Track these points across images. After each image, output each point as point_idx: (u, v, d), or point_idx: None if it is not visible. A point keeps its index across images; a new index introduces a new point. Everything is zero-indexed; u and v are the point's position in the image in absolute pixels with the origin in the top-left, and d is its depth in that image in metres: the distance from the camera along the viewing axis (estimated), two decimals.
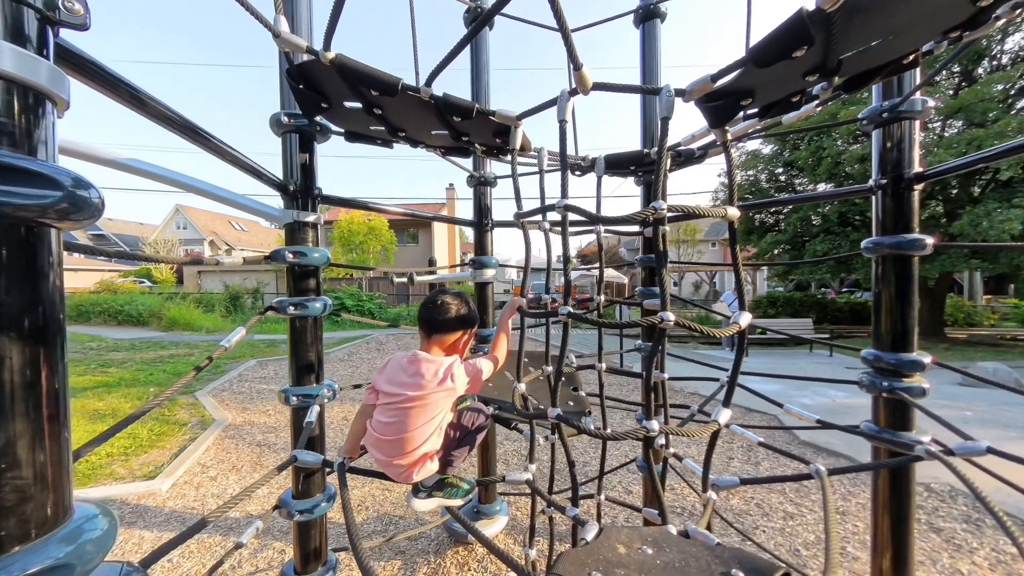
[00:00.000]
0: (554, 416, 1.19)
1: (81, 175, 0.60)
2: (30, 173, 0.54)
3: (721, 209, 1.16)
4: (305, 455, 1.37)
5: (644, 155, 1.73)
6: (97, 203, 0.62)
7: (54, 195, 0.55)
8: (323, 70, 1.35)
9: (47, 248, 0.59)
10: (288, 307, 1.75)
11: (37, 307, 0.58)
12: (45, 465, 0.57)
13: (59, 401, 0.61)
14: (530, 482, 1.38)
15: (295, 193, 1.77)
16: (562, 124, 1.16)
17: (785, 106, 1.27)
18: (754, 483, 1.56)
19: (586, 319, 1.12)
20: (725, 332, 1.13)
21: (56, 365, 0.61)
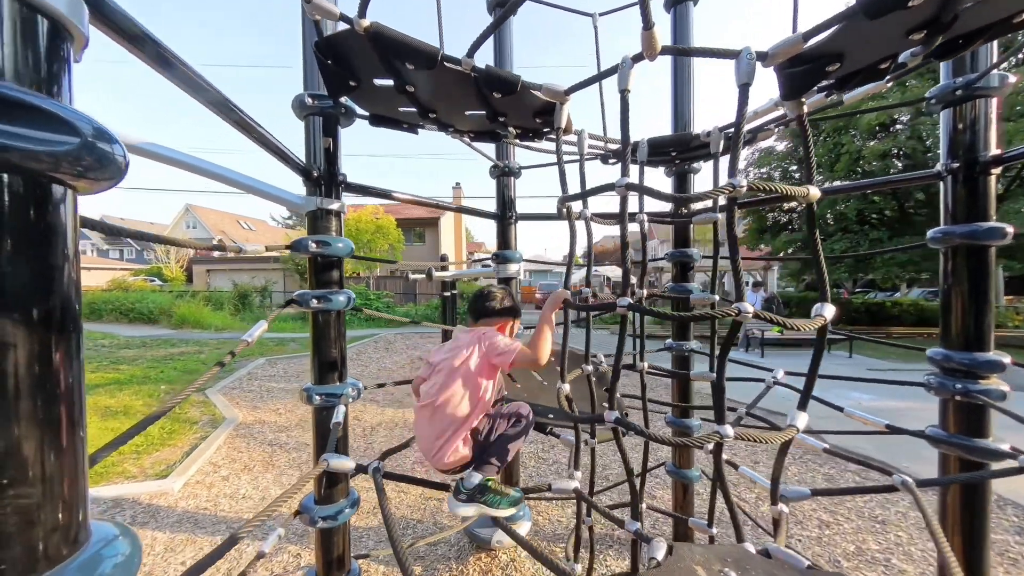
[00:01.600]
0: (612, 420, 1.07)
1: (103, 125, 0.49)
2: (43, 114, 0.43)
3: (803, 188, 1.03)
4: (336, 459, 1.26)
5: (692, 137, 1.60)
6: (120, 161, 0.51)
7: (71, 142, 0.44)
8: (355, 42, 1.25)
9: (61, 213, 0.48)
10: (311, 300, 1.64)
11: (48, 285, 0.48)
12: (58, 478, 0.47)
13: (74, 401, 0.50)
14: (578, 491, 1.26)
15: (319, 179, 1.67)
16: (624, 94, 1.04)
17: (868, 75, 1.14)
18: (827, 495, 1.42)
19: (652, 311, 1.00)
20: (809, 324, 1.00)
21: (71, 357, 0.50)
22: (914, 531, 3.08)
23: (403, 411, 6.00)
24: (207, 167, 1.42)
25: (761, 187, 0.98)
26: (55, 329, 0.48)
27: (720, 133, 1.51)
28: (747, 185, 0.96)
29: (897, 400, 5.81)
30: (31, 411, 0.45)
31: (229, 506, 3.41)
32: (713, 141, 1.53)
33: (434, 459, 1.31)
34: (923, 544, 2.91)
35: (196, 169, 1.41)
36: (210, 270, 27.76)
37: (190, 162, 1.39)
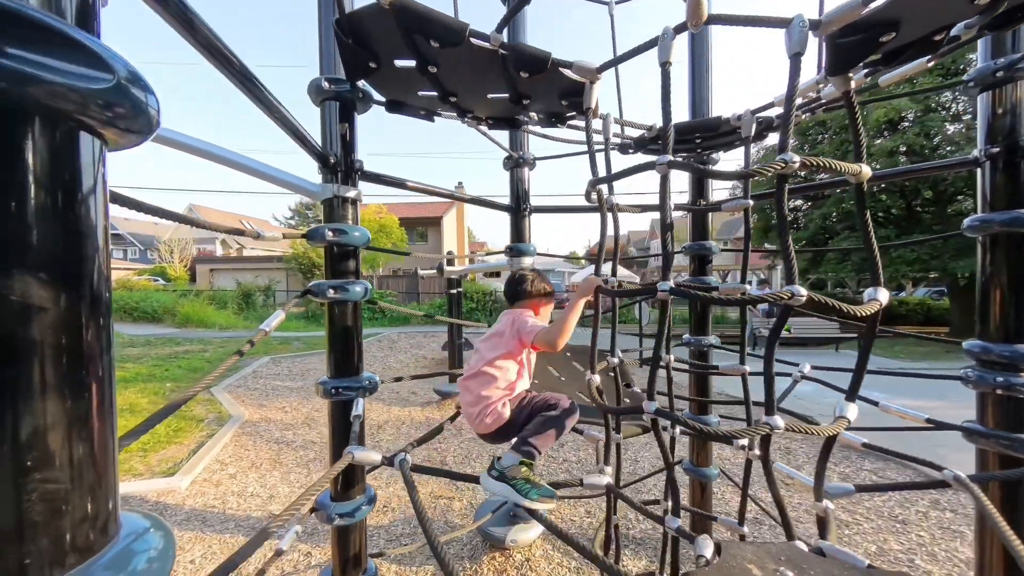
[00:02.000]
0: (652, 411, 1.02)
1: (136, 68, 0.44)
2: (73, 44, 0.38)
3: (855, 166, 0.98)
4: (361, 451, 1.21)
5: (721, 122, 1.55)
6: (153, 113, 0.46)
7: (104, 80, 0.39)
8: (378, 18, 1.20)
9: (91, 166, 0.43)
10: (327, 290, 1.60)
11: (78, 253, 0.43)
12: (88, 465, 0.42)
13: (104, 383, 0.45)
14: (611, 487, 1.21)
15: (335, 166, 1.62)
16: (665, 67, 0.99)
17: (920, 48, 1.08)
18: (873, 491, 1.37)
19: (697, 295, 0.94)
20: (863, 310, 0.95)
21: (101, 337, 0.45)
22: (936, 531, 3.02)
23: (408, 409, 5.96)
24: (222, 153, 1.38)
25: (814, 163, 0.93)
26: (86, 305, 0.43)
27: (752, 117, 1.46)
28: (800, 161, 0.91)
29: (911, 398, 5.74)
30: (60, 393, 0.40)
31: (237, 504, 3.37)
32: (745, 125, 1.47)
33: (476, 422, 1.46)
34: (946, 544, 2.85)
35: (211, 155, 1.36)
36: (213, 269, 27.81)
37: (206, 148, 1.35)
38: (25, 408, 0.38)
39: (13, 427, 0.37)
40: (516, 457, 1.31)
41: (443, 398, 6.29)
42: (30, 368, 0.39)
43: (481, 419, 1.43)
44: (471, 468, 4.08)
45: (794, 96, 0.91)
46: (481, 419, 1.43)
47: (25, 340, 0.38)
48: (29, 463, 0.38)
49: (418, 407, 6.06)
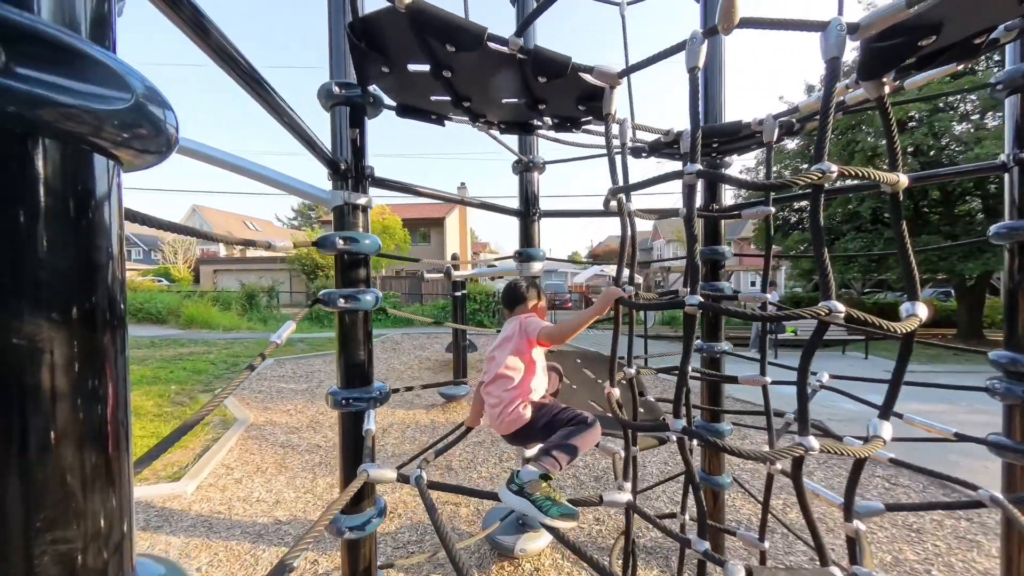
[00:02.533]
0: (679, 429, 0.98)
1: (153, 84, 0.41)
2: (89, 62, 0.35)
3: (892, 175, 0.94)
4: (376, 470, 1.18)
5: (741, 126, 1.51)
6: (171, 132, 0.43)
7: (121, 99, 0.36)
8: (392, 21, 1.16)
9: (106, 191, 0.40)
10: (338, 300, 1.56)
11: (87, 275, 0.39)
12: (103, 512, 0.38)
13: (120, 418, 0.42)
14: (632, 504, 1.17)
15: (346, 172, 1.59)
16: (693, 72, 0.95)
17: (958, 52, 1.04)
18: (903, 510, 1.32)
19: (729, 310, 0.91)
20: (902, 326, 0.91)
21: (115, 370, 0.43)
22: (952, 540, 2.96)
23: (413, 412, 5.93)
24: (236, 161, 1.35)
25: (851, 172, 0.89)
26: (98, 337, 0.40)
27: (775, 121, 1.42)
28: (838, 171, 0.87)
29: (918, 402, 5.66)
30: (71, 433, 0.37)
31: (243, 510, 3.35)
32: (767, 130, 1.43)
33: (499, 423, 1.52)
34: (963, 554, 2.79)
35: (221, 162, 1.33)
36: (217, 270, 27.90)
37: (215, 155, 1.32)
38: (38, 453, 0.35)
39: (25, 476, 0.34)
40: (536, 471, 1.27)
41: (448, 400, 6.26)
42: (40, 411, 0.36)
43: (503, 419, 1.50)
44: (476, 473, 4.05)
45: (831, 102, 0.88)
46: (503, 419, 1.50)
47: (36, 381, 0.35)
48: (42, 513, 0.34)
49: (423, 410, 6.03)
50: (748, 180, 0.91)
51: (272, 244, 1.32)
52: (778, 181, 0.88)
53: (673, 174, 0.98)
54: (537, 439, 1.50)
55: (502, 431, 1.54)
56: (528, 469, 1.27)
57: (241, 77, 0.92)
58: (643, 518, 1.20)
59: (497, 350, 1.60)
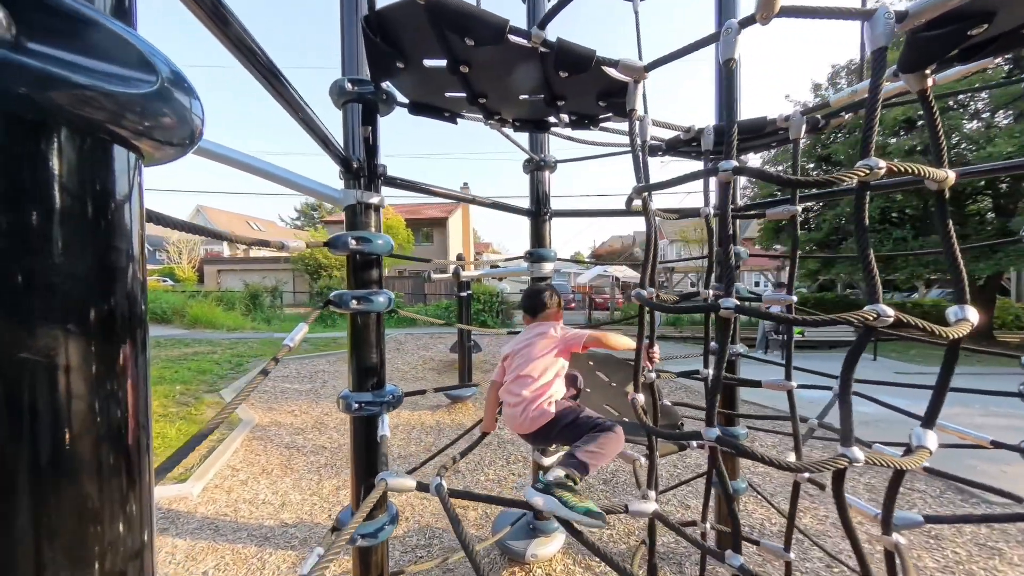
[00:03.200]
0: (713, 438, 0.93)
1: (180, 69, 0.37)
2: (109, 38, 0.31)
3: (940, 171, 0.89)
4: (396, 479, 1.14)
5: (767, 123, 1.46)
6: (197, 123, 0.39)
7: (146, 83, 0.32)
8: (409, 15, 1.12)
9: (125, 187, 0.36)
10: (350, 301, 1.53)
11: (106, 279, 0.35)
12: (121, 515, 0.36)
13: (139, 416, 0.38)
14: (659, 514, 1.13)
15: (358, 171, 1.55)
16: (728, 64, 0.90)
17: (1005, 42, 0.98)
18: (943, 522, 1.27)
19: (767, 315, 0.86)
20: (953, 331, 0.86)
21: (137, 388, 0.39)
22: (972, 547, 2.89)
23: (419, 412, 5.90)
24: (247, 160, 1.32)
25: (900, 168, 0.84)
26: (118, 344, 0.36)
27: (802, 118, 1.37)
28: (886, 167, 0.82)
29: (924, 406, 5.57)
30: (90, 439, 0.34)
31: (249, 512, 3.32)
32: (793, 126, 1.38)
33: (520, 421, 1.52)
34: (984, 562, 2.72)
35: (233, 161, 1.30)
36: (221, 270, 28.01)
37: (228, 155, 1.28)
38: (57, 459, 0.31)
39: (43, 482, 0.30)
40: (563, 472, 1.26)
41: (453, 402, 6.22)
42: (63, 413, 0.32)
43: (526, 416, 1.51)
44: (484, 475, 4.01)
45: (878, 94, 0.83)
46: (526, 416, 1.51)
47: (54, 388, 0.31)
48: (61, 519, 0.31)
49: (428, 411, 6.00)
50: (790, 177, 0.86)
51: (285, 244, 1.28)
52: (821, 178, 0.83)
53: (708, 171, 0.94)
54: (559, 439, 1.52)
55: (524, 429, 1.53)
56: (554, 470, 1.27)
57: (259, 70, 0.89)
58: (669, 528, 1.16)
59: (522, 352, 1.60)
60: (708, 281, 1.52)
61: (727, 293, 0.92)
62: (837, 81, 13.06)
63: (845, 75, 12.95)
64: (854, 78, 12.78)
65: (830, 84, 13.16)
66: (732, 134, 0.91)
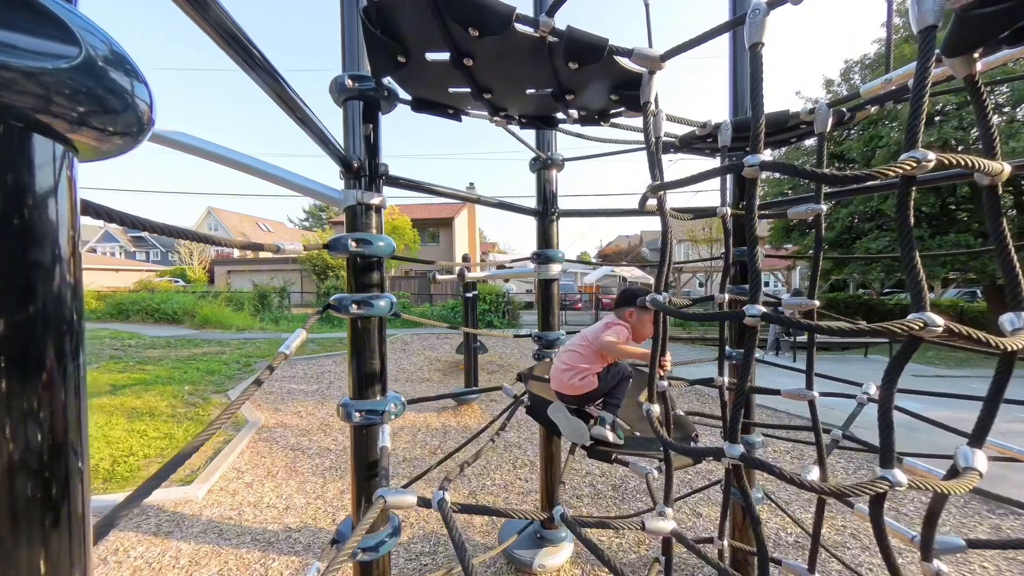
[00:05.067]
0: (736, 456, 0.85)
1: (118, 43, 0.30)
2: (26, 4, 0.24)
3: (995, 163, 0.80)
4: (395, 496, 1.08)
5: (789, 116, 1.37)
6: (144, 108, 0.33)
7: (66, 55, 0.26)
8: (412, 5, 1.06)
9: (50, 186, 0.30)
10: (350, 306, 1.47)
11: (26, 292, 0.29)
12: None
13: (72, 468, 0.32)
14: (678, 534, 1.05)
15: (359, 170, 1.49)
16: (755, 49, 0.83)
17: None
18: (988, 547, 1.18)
19: (800, 323, 0.78)
20: (1012, 342, 0.77)
21: (67, 394, 0.32)
22: (1000, 561, 2.76)
23: (424, 415, 5.85)
24: (244, 160, 1.27)
25: (951, 160, 0.76)
26: (42, 362, 0.30)
27: (828, 110, 1.28)
28: (936, 159, 0.74)
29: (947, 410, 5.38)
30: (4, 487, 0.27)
31: (253, 515, 3.30)
32: (819, 119, 1.29)
33: (564, 383, 1.75)
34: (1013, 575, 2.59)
35: (232, 162, 1.25)
36: (231, 271, 28.37)
37: (227, 155, 1.23)
38: None
39: None
40: (611, 416, 1.65)
41: (459, 403, 6.17)
42: None
43: (572, 382, 1.72)
44: (490, 480, 3.95)
45: (926, 79, 0.75)
46: (572, 382, 1.72)
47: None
48: None
49: (433, 413, 5.96)
50: (825, 172, 0.78)
51: (281, 247, 1.23)
52: (862, 172, 0.75)
53: (725, 168, 0.86)
54: (590, 401, 1.78)
55: (565, 391, 1.77)
56: (605, 416, 1.64)
57: (254, 69, 0.83)
58: (686, 547, 1.08)
59: (587, 332, 1.84)
60: (723, 284, 1.44)
61: (753, 300, 0.84)
62: (851, 76, 12.77)
63: (859, 70, 12.64)
64: (868, 72, 12.47)
65: (843, 80, 12.86)
66: (759, 126, 0.83)
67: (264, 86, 1.02)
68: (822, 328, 0.81)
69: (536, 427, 4.40)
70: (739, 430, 0.89)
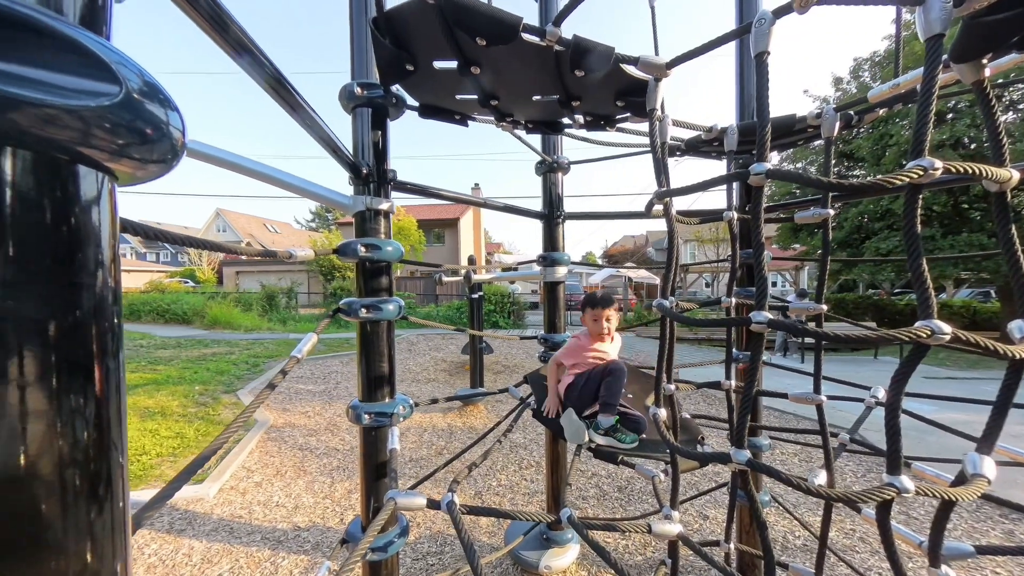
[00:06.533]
0: (743, 461, 0.86)
1: (152, 76, 0.32)
2: (70, 47, 0.27)
3: (1003, 171, 0.80)
4: (405, 497, 1.10)
5: (796, 120, 1.37)
6: (177, 136, 0.35)
7: (108, 94, 0.28)
8: (420, 15, 1.08)
9: (93, 216, 0.32)
10: (359, 309, 1.50)
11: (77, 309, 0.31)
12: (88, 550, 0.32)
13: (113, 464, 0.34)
14: (684, 537, 1.06)
15: (368, 176, 1.52)
16: (761, 58, 0.83)
17: None
18: (998, 554, 1.17)
19: (806, 330, 0.79)
20: (1021, 350, 0.77)
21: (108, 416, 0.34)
22: (1014, 567, 2.71)
23: (430, 415, 5.89)
24: (253, 166, 1.29)
25: (957, 168, 0.76)
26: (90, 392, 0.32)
27: (835, 114, 1.28)
28: (943, 167, 0.74)
29: (955, 412, 5.29)
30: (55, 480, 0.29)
31: (263, 514, 3.35)
32: (826, 124, 1.29)
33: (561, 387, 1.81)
34: None
35: (242, 169, 1.28)
36: (239, 272, 28.72)
37: (237, 161, 1.26)
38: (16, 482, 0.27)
39: None
40: (610, 419, 1.58)
41: (464, 404, 6.20)
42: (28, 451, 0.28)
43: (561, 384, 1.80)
44: (496, 480, 3.97)
45: (933, 87, 0.75)
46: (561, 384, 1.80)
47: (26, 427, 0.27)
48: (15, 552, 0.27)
49: (439, 413, 5.99)
50: (831, 180, 0.79)
51: (293, 254, 1.26)
52: (867, 182, 0.76)
53: (731, 175, 0.87)
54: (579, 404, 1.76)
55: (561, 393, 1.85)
56: (603, 419, 1.59)
57: (263, 78, 0.85)
58: (693, 550, 1.09)
59: None
60: (730, 287, 1.44)
61: (759, 306, 0.85)
62: (860, 74, 12.60)
63: (868, 67, 12.47)
64: (878, 70, 12.30)
65: (852, 77, 12.70)
66: (765, 134, 0.84)
67: (277, 98, 1.05)
68: (828, 336, 0.81)
69: (542, 428, 4.41)
70: (745, 435, 0.89)
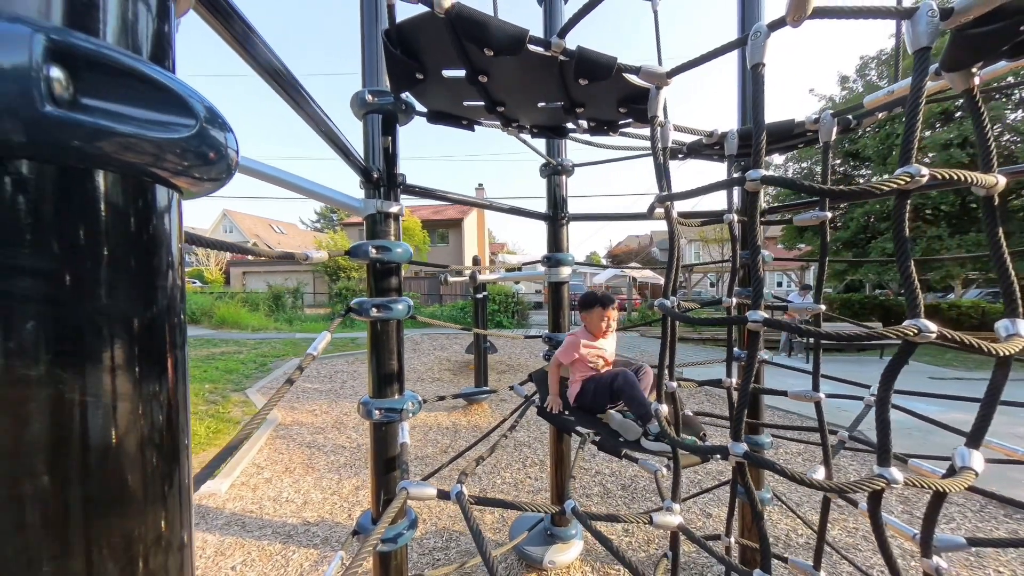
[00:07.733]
0: (740, 454, 0.90)
1: (214, 105, 0.37)
2: (152, 86, 0.32)
3: (990, 176, 0.84)
4: (417, 487, 1.15)
5: (794, 125, 1.41)
6: (233, 156, 0.40)
7: (186, 126, 0.33)
8: (429, 27, 1.13)
9: (165, 225, 0.38)
10: (370, 309, 1.55)
11: (150, 307, 0.37)
12: (162, 515, 0.39)
13: (179, 450, 0.39)
14: (684, 528, 1.10)
15: (378, 181, 1.57)
16: (756, 69, 0.87)
17: None
18: (989, 545, 1.20)
19: (802, 329, 0.83)
20: (1005, 348, 0.81)
21: (176, 414, 0.40)
22: (1018, 566, 2.72)
23: (435, 414, 5.95)
24: (276, 173, 1.35)
25: (943, 175, 0.80)
26: (159, 373, 0.37)
27: (833, 119, 1.31)
28: (929, 174, 0.78)
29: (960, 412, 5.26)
30: (134, 444, 0.35)
31: (273, 509, 3.43)
32: (823, 128, 1.33)
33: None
34: None
35: (263, 175, 1.33)
36: (246, 272, 29.00)
37: (258, 168, 1.32)
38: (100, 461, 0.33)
39: (86, 481, 0.32)
40: (655, 425, 1.48)
41: (469, 403, 6.26)
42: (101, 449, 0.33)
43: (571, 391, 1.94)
44: (500, 478, 4.02)
45: (921, 98, 0.79)
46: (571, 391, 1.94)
47: (101, 424, 0.33)
48: (100, 520, 0.32)
49: (444, 412, 6.05)
50: (822, 187, 0.83)
51: (309, 256, 1.31)
52: (857, 188, 0.80)
53: (729, 181, 0.91)
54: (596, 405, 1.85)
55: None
56: (652, 426, 1.59)
57: (284, 89, 0.91)
58: (693, 541, 1.13)
59: None
60: (731, 287, 1.48)
61: (755, 306, 0.89)
62: (867, 73, 12.52)
63: (875, 66, 12.39)
64: (884, 68, 12.22)
65: (859, 76, 12.62)
66: (760, 143, 0.88)
67: (294, 106, 1.11)
68: (822, 334, 0.85)
69: (545, 426, 4.45)
70: (742, 429, 0.93)
